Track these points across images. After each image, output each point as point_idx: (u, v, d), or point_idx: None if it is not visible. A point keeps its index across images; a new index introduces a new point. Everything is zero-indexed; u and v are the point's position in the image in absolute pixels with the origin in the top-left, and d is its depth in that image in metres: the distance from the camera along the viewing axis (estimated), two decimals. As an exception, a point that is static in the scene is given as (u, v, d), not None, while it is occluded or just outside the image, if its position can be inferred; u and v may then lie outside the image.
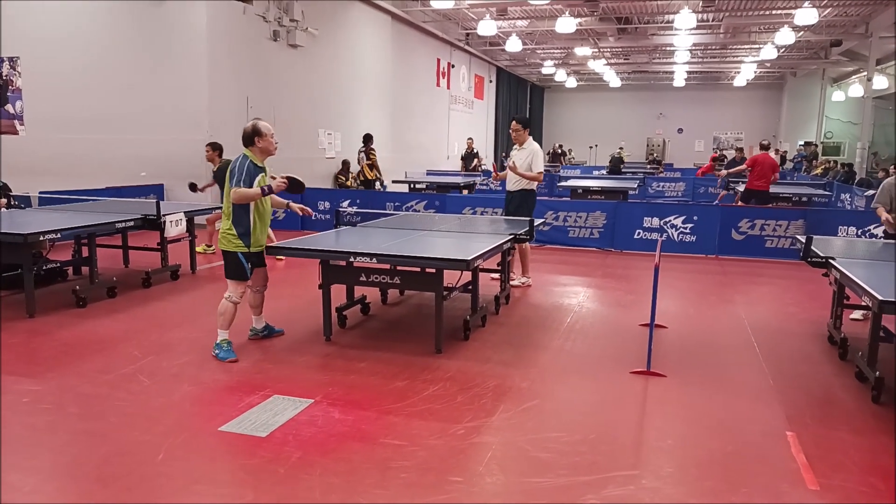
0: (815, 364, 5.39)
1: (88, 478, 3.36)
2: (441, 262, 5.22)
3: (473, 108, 27.88)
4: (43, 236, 6.21)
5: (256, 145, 5.17)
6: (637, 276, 8.81)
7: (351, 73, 16.61)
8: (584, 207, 11.12)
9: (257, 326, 5.65)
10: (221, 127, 12.40)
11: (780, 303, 7.61)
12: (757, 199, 11.99)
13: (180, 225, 7.73)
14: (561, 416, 4.24)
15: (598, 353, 5.56)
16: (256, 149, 5.18)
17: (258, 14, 13.15)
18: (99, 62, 12.64)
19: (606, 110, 35.83)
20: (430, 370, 4.96)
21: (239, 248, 5.14)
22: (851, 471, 3.59)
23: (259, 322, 5.65)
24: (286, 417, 4.07)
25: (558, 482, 3.39)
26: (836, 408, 4.53)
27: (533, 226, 6.71)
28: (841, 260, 5.43)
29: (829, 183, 18.35)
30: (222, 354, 5.13)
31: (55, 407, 4.20)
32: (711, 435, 3.99)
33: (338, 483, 3.34)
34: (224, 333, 5.19)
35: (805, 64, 27.41)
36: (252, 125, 5.23)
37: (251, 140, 5.18)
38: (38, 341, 5.56)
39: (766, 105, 33.53)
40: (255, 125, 5.21)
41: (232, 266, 5.20)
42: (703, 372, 5.12)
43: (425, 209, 11.71)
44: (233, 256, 5.17)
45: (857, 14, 18.87)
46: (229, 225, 5.13)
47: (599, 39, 22.83)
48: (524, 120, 8.06)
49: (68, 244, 8.06)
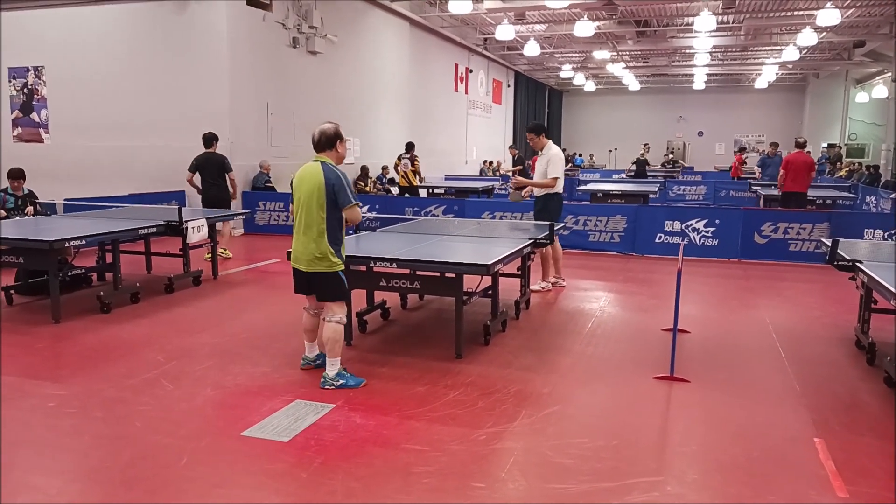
0: (841, 369, 5.30)
1: (113, 481, 3.39)
2: (461, 266, 5.20)
3: (492, 113, 27.88)
4: (68, 243, 6.28)
5: (336, 150, 4.68)
6: (659, 281, 8.74)
7: (370, 79, 16.69)
8: (605, 211, 11.04)
9: (310, 355, 5.04)
10: (242, 133, 12.53)
11: (805, 307, 7.50)
12: (795, 202, 11.55)
13: (202, 231, 7.79)
14: (583, 422, 4.20)
15: (620, 358, 5.52)
16: (335, 154, 4.67)
17: (278, 21, 13.27)
18: (121, 70, 12.84)
19: (626, 114, 35.67)
20: (450, 375, 4.94)
21: (340, 267, 4.67)
22: (881, 478, 3.52)
23: (312, 350, 5.04)
24: (308, 422, 4.08)
25: (581, 488, 3.36)
26: (864, 413, 4.44)
27: (553, 230, 6.68)
28: (868, 263, 5.34)
29: (854, 185, 18.10)
30: (352, 382, 4.67)
31: (80, 411, 4.25)
32: (736, 440, 3.93)
33: (359, 488, 3.33)
34: (337, 362, 4.68)
35: (828, 65, 27.08)
36: (335, 127, 4.70)
37: (332, 144, 4.65)
38: (63, 346, 5.63)
39: (788, 107, 33.17)
40: (338, 127, 4.71)
41: (336, 287, 4.69)
42: (728, 377, 5.06)
43: (444, 214, 11.72)
44: (336, 277, 4.66)
45: (880, 14, 18.60)
46: (325, 246, 4.58)
47: (618, 42, 22.73)
48: (536, 127, 7.90)
49: (92, 250, 8.17)
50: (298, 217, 4.65)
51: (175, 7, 12.28)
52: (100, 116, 13.04)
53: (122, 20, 12.82)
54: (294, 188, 4.71)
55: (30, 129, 13.98)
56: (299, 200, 4.63)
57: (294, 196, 4.71)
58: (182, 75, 12.42)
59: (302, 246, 4.64)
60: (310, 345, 5.03)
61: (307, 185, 4.57)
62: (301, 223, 4.63)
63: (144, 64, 12.67)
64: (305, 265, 4.65)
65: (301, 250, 4.66)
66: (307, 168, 4.66)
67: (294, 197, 4.70)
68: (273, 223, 12.47)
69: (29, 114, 13.98)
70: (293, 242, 4.74)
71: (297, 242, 4.70)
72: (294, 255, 4.74)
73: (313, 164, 4.64)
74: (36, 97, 13.84)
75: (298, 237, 4.67)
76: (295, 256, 4.74)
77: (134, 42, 12.75)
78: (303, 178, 4.64)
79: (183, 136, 12.43)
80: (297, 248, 4.69)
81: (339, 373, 4.66)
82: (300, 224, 4.64)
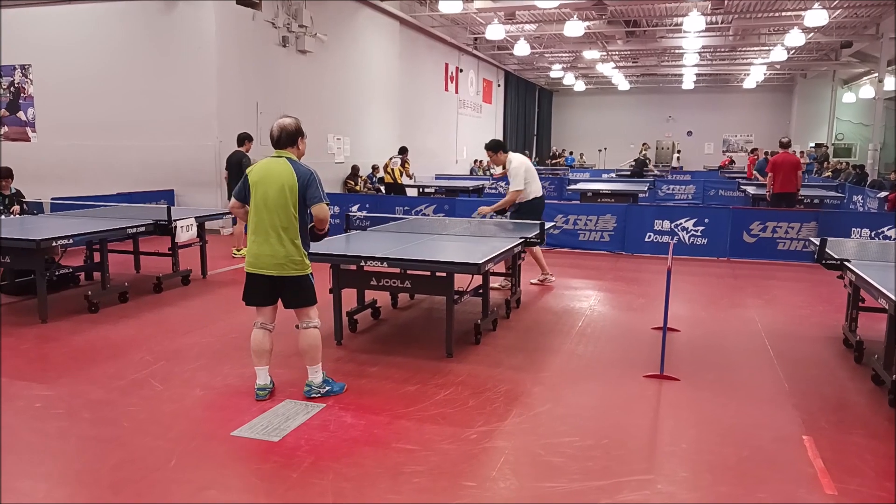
0: (829, 367, 5.33)
1: (101, 483, 3.36)
2: (451, 265, 5.20)
3: (482, 113, 27.90)
4: (55, 242, 6.23)
5: (298, 147, 4.41)
6: (648, 280, 8.77)
7: (359, 78, 16.65)
8: (595, 211, 11.07)
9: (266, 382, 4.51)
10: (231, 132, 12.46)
11: (793, 305, 7.54)
12: (786, 202, 11.62)
13: (191, 230, 7.75)
14: (573, 421, 4.21)
15: (609, 357, 5.53)
16: (297, 152, 4.40)
17: (267, 20, 13.21)
18: (109, 69, 12.74)
19: (615, 114, 35.78)
20: (441, 374, 4.94)
21: (310, 269, 4.45)
22: (869, 476, 3.54)
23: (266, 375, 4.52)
24: (298, 422, 4.06)
25: (572, 487, 3.37)
26: (852, 412, 4.47)
27: (544, 229, 6.69)
28: (856, 262, 5.38)
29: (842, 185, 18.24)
30: (337, 387, 4.54)
31: (67, 412, 4.21)
32: (726, 439, 3.95)
33: (350, 488, 3.32)
34: (319, 368, 4.50)
35: (815, 65, 27.28)
36: (296, 121, 4.41)
37: (293, 140, 4.37)
38: (50, 347, 5.58)
39: (776, 107, 33.38)
40: (298, 122, 4.42)
41: (309, 290, 4.43)
42: (717, 376, 5.08)
43: (435, 213, 11.71)
44: (308, 280, 4.41)
45: (867, 15, 18.78)
46: (297, 247, 4.31)
47: (608, 42, 22.80)
48: (493, 145, 7.86)
49: (80, 250, 8.09)
50: (259, 217, 4.28)
51: (163, 6, 12.19)
52: (87, 115, 12.94)
53: (109, 18, 12.71)
54: (253, 184, 4.31)
55: (16, 127, 13.86)
56: (263, 199, 4.25)
57: (253, 194, 4.31)
58: (170, 74, 12.34)
59: (270, 249, 4.26)
60: (263, 370, 4.48)
61: (275, 183, 4.23)
62: (264, 224, 4.26)
63: (132, 62, 12.58)
64: (275, 269, 4.28)
65: (269, 254, 4.26)
66: (271, 165, 4.31)
67: (253, 194, 4.31)
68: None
69: (15, 112, 13.86)
70: (251, 245, 4.34)
71: (258, 245, 4.29)
72: (255, 259, 4.31)
73: (277, 160, 4.32)
74: (23, 96, 13.72)
75: (261, 240, 4.28)
76: (256, 261, 4.31)
77: (122, 40, 12.65)
78: (267, 175, 4.28)
79: (171, 135, 12.39)
80: (261, 251, 4.28)
81: (326, 379, 4.53)
82: (263, 225, 4.27)
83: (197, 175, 12.29)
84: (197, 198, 12.19)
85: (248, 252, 4.40)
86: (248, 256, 4.38)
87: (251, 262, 4.36)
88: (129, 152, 12.66)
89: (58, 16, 13.00)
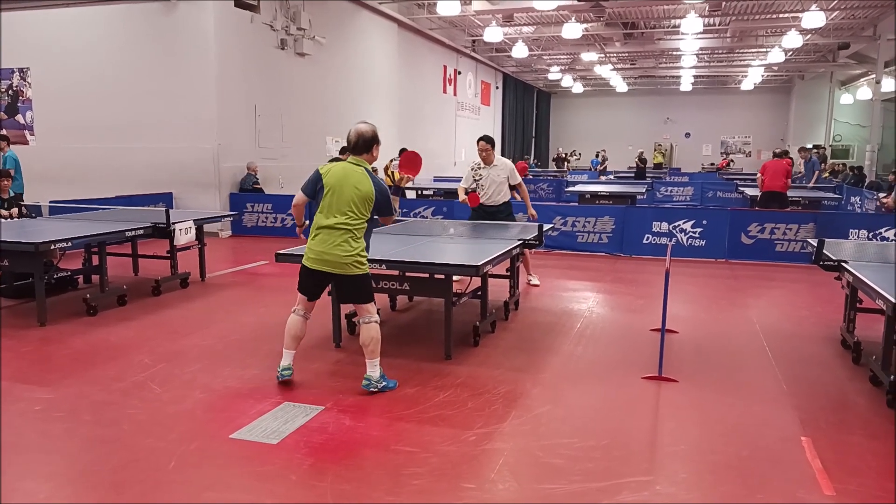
0: (828, 368, 5.35)
1: (102, 485, 3.37)
2: (450, 267, 5.21)
3: (480, 115, 27.92)
4: (54, 245, 6.23)
5: (372, 153, 4.55)
6: (647, 281, 8.78)
7: (358, 80, 16.67)
8: (593, 212, 11.09)
9: (290, 363, 4.75)
10: (229, 135, 12.48)
11: (792, 306, 7.56)
12: (777, 202, 11.87)
13: (189, 233, 7.76)
14: (573, 422, 4.22)
15: (609, 358, 5.54)
16: (370, 157, 4.55)
17: (266, 23, 13.23)
18: (108, 71, 12.76)
19: (613, 115, 35.82)
20: (440, 376, 4.95)
21: (368, 268, 4.64)
22: (868, 476, 3.56)
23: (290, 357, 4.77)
24: (297, 424, 4.06)
25: (571, 488, 3.38)
26: (851, 412, 4.48)
27: (542, 231, 6.70)
28: (854, 263, 5.39)
29: (839, 186, 18.27)
30: (392, 384, 4.65)
31: (68, 414, 4.21)
32: (725, 440, 3.96)
33: (350, 490, 3.33)
34: (378, 363, 4.60)
35: (813, 67, 27.32)
36: (373, 128, 4.54)
37: (369, 147, 4.53)
38: (49, 349, 5.59)
39: (774, 108, 33.43)
40: (375, 129, 4.56)
41: (369, 287, 4.63)
42: (716, 377, 5.09)
43: (433, 215, 11.72)
44: (368, 277, 4.61)
45: (864, 17, 18.82)
46: (362, 248, 4.50)
47: (606, 44, 22.83)
48: (492, 139, 7.93)
49: (78, 253, 8.09)
50: (330, 218, 4.42)
51: (162, 8, 12.21)
52: (86, 118, 12.95)
53: (108, 21, 12.73)
54: (327, 185, 4.44)
55: (15, 130, 13.86)
56: (339, 199, 4.40)
57: (326, 193, 4.44)
58: (169, 77, 12.35)
59: (338, 249, 4.40)
60: (291, 353, 4.71)
61: (351, 188, 4.40)
62: (334, 224, 4.40)
63: (131, 65, 12.59)
64: (339, 269, 4.43)
65: (336, 253, 4.40)
66: (348, 169, 4.48)
67: (326, 194, 4.44)
68: (261, 225, 12.39)
69: (14, 115, 13.87)
70: (316, 242, 4.47)
71: (324, 244, 4.43)
72: (317, 255, 4.46)
73: (355, 167, 4.48)
74: (21, 99, 13.72)
75: (329, 239, 4.42)
76: (318, 258, 4.46)
77: (121, 43, 12.67)
78: (345, 179, 4.43)
79: (170, 138, 12.40)
80: (327, 249, 4.42)
81: (383, 374, 4.62)
82: (331, 225, 4.41)
83: (196, 178, 12.30)
84: (196, 200, 12.21)
85: (310, 248, 4.52)
86: (311, 252, 4.50)
87: (314, 259, 4.50)
88: (127, 155, 12.66)
89: (56, 18, 13.01)
